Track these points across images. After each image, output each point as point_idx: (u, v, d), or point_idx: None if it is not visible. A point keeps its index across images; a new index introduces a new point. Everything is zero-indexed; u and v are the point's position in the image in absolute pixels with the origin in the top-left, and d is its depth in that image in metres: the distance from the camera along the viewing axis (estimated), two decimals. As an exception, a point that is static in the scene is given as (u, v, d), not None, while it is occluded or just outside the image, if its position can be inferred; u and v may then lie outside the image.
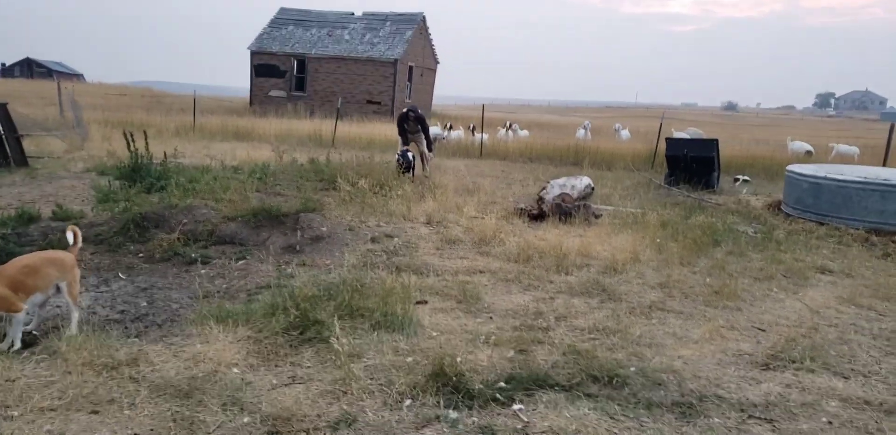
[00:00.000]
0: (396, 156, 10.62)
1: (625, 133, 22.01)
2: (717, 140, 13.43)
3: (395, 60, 29.98)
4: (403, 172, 9.92)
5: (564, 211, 8.26)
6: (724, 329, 4.62)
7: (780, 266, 6.52)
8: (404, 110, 11.42)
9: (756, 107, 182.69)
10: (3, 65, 72.70)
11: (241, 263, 5.97)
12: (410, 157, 10.50)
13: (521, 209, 8.45)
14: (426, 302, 4.75)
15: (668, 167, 12.78)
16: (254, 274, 5.61)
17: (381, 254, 6.06)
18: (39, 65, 74.22)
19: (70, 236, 4.47)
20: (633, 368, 3.75)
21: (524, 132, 20.90)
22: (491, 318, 4.59)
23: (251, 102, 32.25)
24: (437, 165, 13.20)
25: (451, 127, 18.96)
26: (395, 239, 6.58)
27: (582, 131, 21.46)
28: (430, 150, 11.52)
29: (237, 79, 42.13)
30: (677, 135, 17.98)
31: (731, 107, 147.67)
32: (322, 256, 6.05)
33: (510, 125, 20.56)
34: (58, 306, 4.98)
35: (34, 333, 4.03)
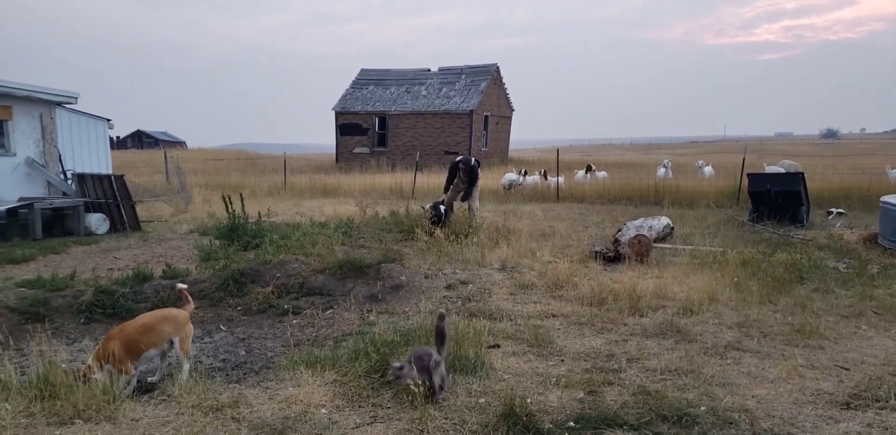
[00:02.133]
0: (429, 208, 10.16)
1: (708, 170, 21.57)
2: (802, 173, 13.04)
3: (471, 111, 30.96)
4: (434, 224, 9.54)
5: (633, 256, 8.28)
6: (803, 368, 4.55)
7: (872, 302, 6.29)
8: (456, 159, 10.84)
9: (860, 132, 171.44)
10: (118, 138, 79.91)
11: (328, 312, 6.42)
12: (443, 211, 10.05)
13: (597, 252, 8.54)
14: (498, 346, 4.96)
15: (752, 203, 12.48)
16: (340, 322, 6.02)
17: (456, 300, 6.34)
18: (148, 136, 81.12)
19: (180, 285, 5.17)
20: (703, 408, 3.79)
21: (602, 173, 20.92)
22: (562, 360, 4.74)
23: (337, 159, 33.95)
24: (513, 211, 13.48)
25: (525, 173, 19.30)
26: (470, 285, 6.86)
27: (662, 170, 21.23)
28: (464, 199, 10.58)
29: (323, 137, 44.60)
30: (770, 169, 17.41)
31: (830, 134, 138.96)
32: (401, 304, 6.40)
33: (590, 167, 20.67)
34: (168, 356, 5.56)
35: (150, 381, 4.56)
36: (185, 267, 7.70)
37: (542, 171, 19.79)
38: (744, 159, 17.20)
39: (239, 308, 6.82)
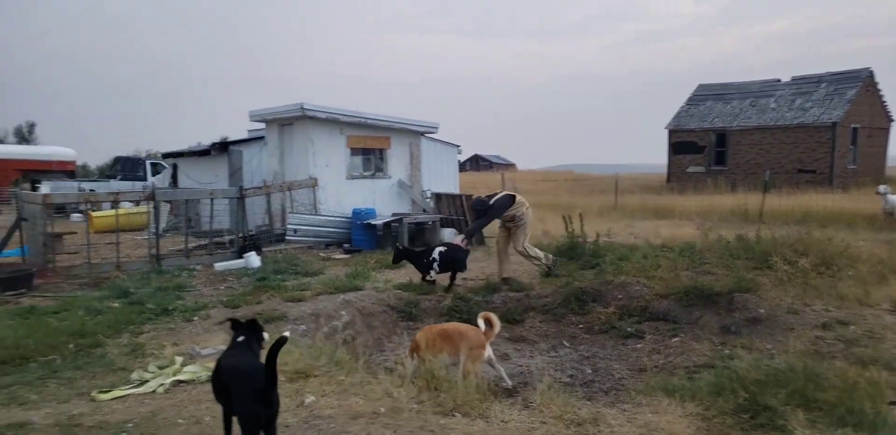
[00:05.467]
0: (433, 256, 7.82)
1: None
2: None
3: (834, 124, 26.89)
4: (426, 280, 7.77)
5: None
6: None
7: None
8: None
9: None
10: (459, 161, 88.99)
11: (675, 340, 6.07)
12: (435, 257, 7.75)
13: None
14: (903, 403, 4.04)
15: None
16: (689, 352, 5.64)
17: (834, 342, 5.40)
18: (483, 159, 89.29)
19: (481, 323, 4.87)
20: None
21: None
22: None
23: (668, 179, 32.67)
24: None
25: (911, 195, 15.83)
26: (851, 327, 5.78)
27: None
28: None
29: (650, 156, 43.45)
30: None
31: None
32: (762, 340, 5.71)
33: None
34: (518, 365, 5.85)
35: (503, 386, 4.85)
36: (529, 281, 8.08)
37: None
38: None
39: (580, 326, 6.90)
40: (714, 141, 31.05)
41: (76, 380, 4.39)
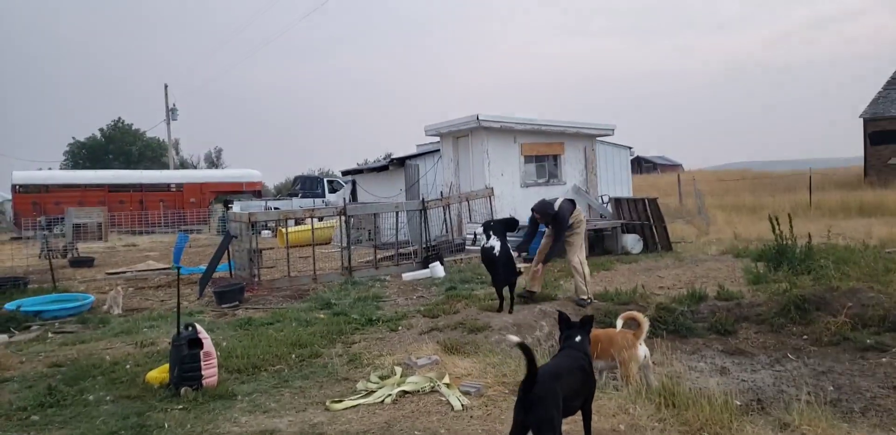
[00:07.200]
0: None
1: None
2: None
3: None
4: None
5: None
6: None
7: None
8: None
9: None
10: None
11: (933, 354, 5.26)
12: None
13: None
14: None
15: None
16: (956, 369, 4.84)
17: None
18: (646, 160, 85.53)
19: (619, 324, 4.88)
20: None
21: None
22: None
23: (866, 173, 29.14)
24: None
25: None
26: None
27: None
28: (551, 256, 7.43)
29: (836, 150, 39.05)
30: None
31: None
32: None
33: None
34: (743, 380, 5.37)
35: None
36: (737, 289, 7.46)
37: None
38: None
39: (805, 337, 6.23)
40: (924, 126, 27.23)
41: (307, 389, 4.56)
